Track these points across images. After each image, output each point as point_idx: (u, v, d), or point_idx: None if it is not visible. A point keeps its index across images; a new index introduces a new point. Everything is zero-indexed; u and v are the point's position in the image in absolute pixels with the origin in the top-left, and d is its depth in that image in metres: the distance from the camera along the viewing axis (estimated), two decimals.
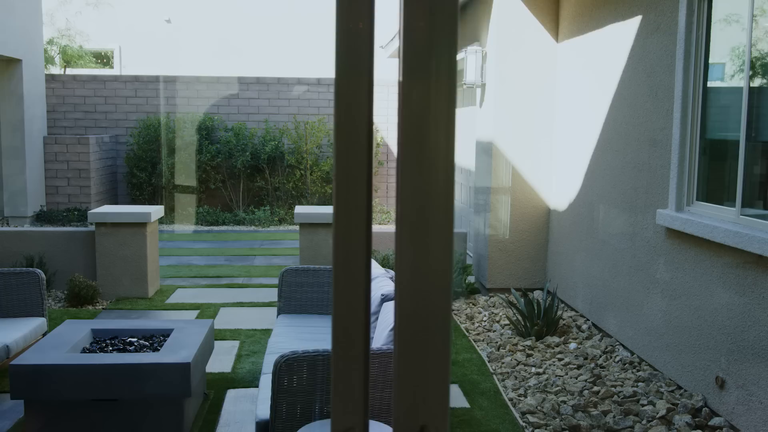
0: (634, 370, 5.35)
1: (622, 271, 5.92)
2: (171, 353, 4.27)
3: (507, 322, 6.70)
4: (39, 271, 5.62)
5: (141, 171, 13.68)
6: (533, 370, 5.42)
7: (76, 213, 12.72)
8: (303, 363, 3.48)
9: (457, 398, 4.96)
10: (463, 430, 4.43)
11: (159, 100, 14.20)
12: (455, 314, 7.12)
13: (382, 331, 3.83)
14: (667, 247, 5.15)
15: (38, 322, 5.47)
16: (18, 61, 12.29)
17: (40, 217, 12.76)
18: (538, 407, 4.71)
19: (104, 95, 14.14)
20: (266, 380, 4.15)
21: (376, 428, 3.29)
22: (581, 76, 6.86)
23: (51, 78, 14.08)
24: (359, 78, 0.83)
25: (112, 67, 18.19)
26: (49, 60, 15.49)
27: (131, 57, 18.26)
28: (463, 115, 11.07)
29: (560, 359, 5.63)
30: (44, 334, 5.62)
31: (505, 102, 7.61)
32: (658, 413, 4.50)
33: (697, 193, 5.00)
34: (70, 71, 16.22)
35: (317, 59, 18.65)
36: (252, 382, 5.27)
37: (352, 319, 0.92)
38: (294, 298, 5.62)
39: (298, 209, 7.95)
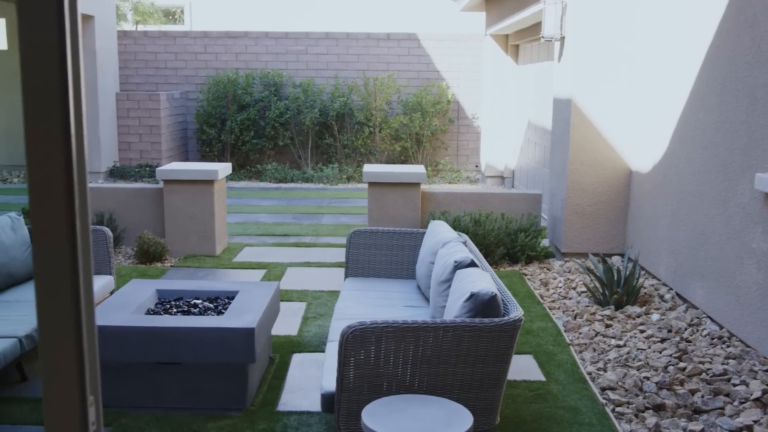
0: (724, 346, 4.99)
1: (711, 239, 5.51)
2: (235, 317, 4.14)
3: (584, 289, 6.38)
4: (106, 228, 5.57)
5: (210, 127, 13.67)
6: (613, 342, 5.11)
7: (147, 169, 12.82)
8: (371, 334, 3.28)
9: (532, 370, 4.71)
10: (538, 405, 4.19)
11: (228, 56, 14.11)
12: (528, 279, 6.83)
13: (455, 301, 3.60)
14: (766, 215, 4.73)
15: (106, 280, 5.43)
16: (90, 17, 12.33)
17: (113, 173, 12.91)
18: (619, 383, 4.42)
19: (174, 51, 14.13)
20: (332, 348, 3.98)
21: (447, 406, 3.08)
22: (670, 28, 6.37)
23: (123, 34, 14.13)
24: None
25: (182, 23, 18.19)
26: (121, 16, 15.56)
27: (201, 13, 18.21)
28: (539, 71, 10.60)
29: (642, 331, 5.30)
30: (112, 292, 5.60)
31: (585, 56, 7.17)
32: (752, 394, 4.16)
33: None
34: (141, 27, 16.28)
35: (387, 14, 18.25)
36: (318, 346, 5.13)
37: (58, 327, 0.97)
38: (362, 260, 5.43)
39: (367, 168, 7.73)
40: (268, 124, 13.61)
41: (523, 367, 4.74)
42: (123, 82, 14.14)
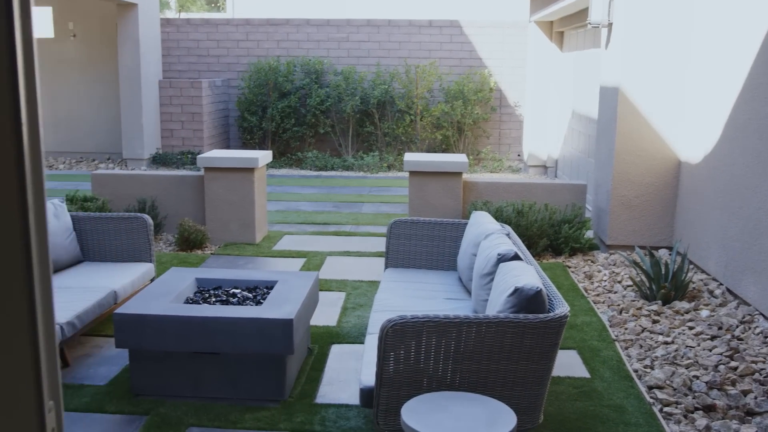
0: None
1: (765, 233, 5.30)
2: (274, 308, 4.09)
3: (630, 283, 6.21)
4: (147, 216, 5.57)
5: (252, 115, 13.69)
6: (660, 338, 4.95)
7: (189, 156, 12.89)
8: (411, 329, 3.20)
9: (576, 366, 4.58)
10: (583, 402, 4.06)
11: (269, 44, 14.10)
12: (572, 272, 6.68)
13: (498, 296, 3.49)
14: None
15: (146, 268, 5.44)
16: (134, 5, 12.41)
17: (156, 160, 13.01)
18: (667, 381, 4.27)
19: (216, 39, 14.16)
20: (372, 341, 3.90)
21: (489, 405, 2.98)
22: (725, 13, 6.14)
23: (166, 22, 14.20)
24: None
25: (224, 11, 18.24)
26: (164, 4, 15.64)
27: (243, 0, 18.23)
28: (585, 58, 10.36)
29: (691, 328, 5.12)
30: (152, 280, 5.60)
31: (634, 43, 6.95)
32: None
33: None
34: (184, 15, 16.35)
35: (429, 0, 18.06)
36: (357, 337, 5.06)
37: (10, 327, 0.96)
38: (402, 251, 5.35)
39: (408, 156, 7.63)
40: (308, 112, 13.58)
41: (567, 363, 4.62)
42: (166, 70, 14.22)
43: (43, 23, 13.18)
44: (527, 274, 3.49)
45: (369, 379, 3.39)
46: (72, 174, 12.74)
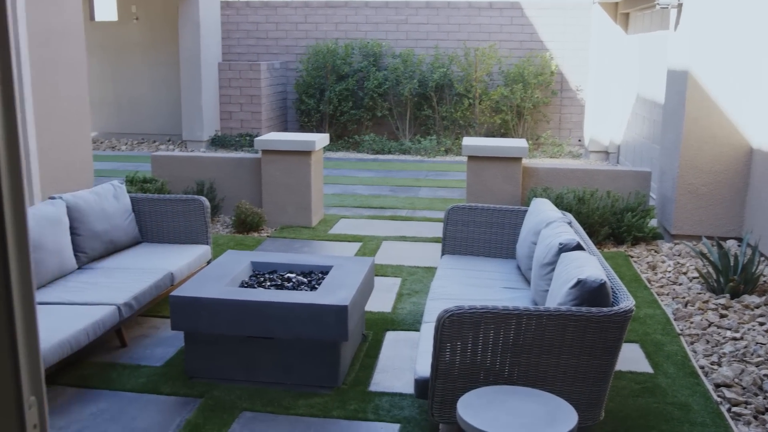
0: None
1: None
2: (328, 294, 4.04)
3: (696, 274, 5.99)
4: (204, 198, 5.58)
5: (309, 98, 13.69)
6: (728, 334, 4.74)
7: (247, 138, 12.97)
8: (468, 319, 3.10)
9: (639, 361, 4.42)
10: (645, 399, 3.91)
11: (328, 26, 14.05)
12: (635, 262, 6.47)
13: (560, 287, 3.37)
14: None
15: (202, 250, 5.45)
16: None
17: (215, 142, 13.13)
18: (736, 380, 4.09)
19: (275, 21, 14.17)
20: (427, 329, 3.82)
21: (549, 401, 2.87)
22: None
23: (225, 4, 14.27)
24: None
25: None
26: None
27: None
28: (651, 41, 10.02)
29: (761, 323, 4.90)
30: (208, 262, 5.62)
31: (704, 24, 6.66)
32: None
33: None
34: None
35: None
36: (412, 324, 4.99)
37: None
38: (460, 237, 5.24)
39: (467, 141, 7.50)
40: (366, 95, 13.51)
41: (629, 358, 4.46)
42: (225, 52, 14.31)
43: (106, 6, 13.39)
44: (590, 265, 3.36)
45: (424, 369, 3.32)
46: (133, 155, 12.95)
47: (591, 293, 3.15)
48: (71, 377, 4.16)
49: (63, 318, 4.02)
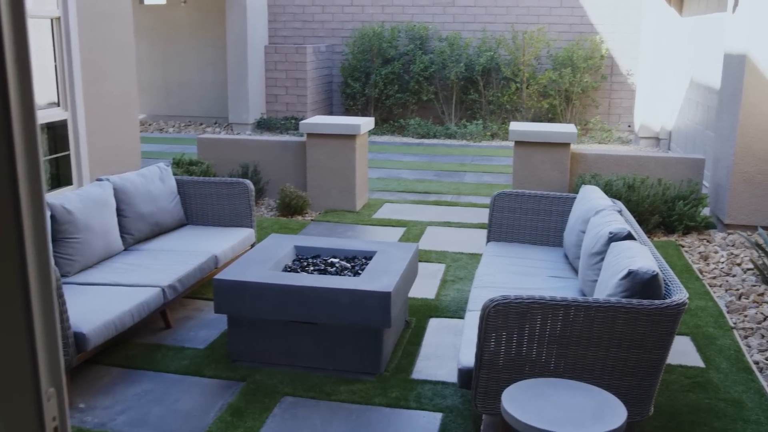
0: None
1: None
2: (372, 280, 4.00)
3: (750, 266, 5.79)
4: (248, 181, 5.58)
5: (355, 81, 13.63)
6: None
7: (292, 121, 12.98)
8: (514, 310, 3.03)
9: (689, 354, 4.29)
10: (696, 395, 3.79)
11: (374, 9, 13.94)
12: (686, 251, 6.29)
13: (609, 278, 3.27)
14: None
15: (246, 233, 5.46)
16: None
17: (260, 125, 13.17)
18: None
19: (321, 4, 14.12)
20: (472, 318, 3.76)
21: (596, 395, 2.79)
22: None
23: None
24: None
25: None
26: None
27: None
28: (707, 23, 9.72)
29: None
30: (252, 245, 5.63)
31: (765, 6, 6.41)
32: None
33: None
34: None
35: None
36: (456, 312, 4.92)
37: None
38: (506, 224, 5.15)
39: (514, 125, 7.37)
40: (412, 79, 13.40)
41: (680, 351, 4.34)
42: (271, 35, 14.32)
43: None
44: (642, 256, 3.25)
45: (468, 359, 3.25)
46: (180, 137, 13.07)
47: (642, 285, 3.04)
48: (116, 357, 4.20)
49: (109, 299, 4.05)
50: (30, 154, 0.94)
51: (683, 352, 4.32)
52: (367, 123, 7.72)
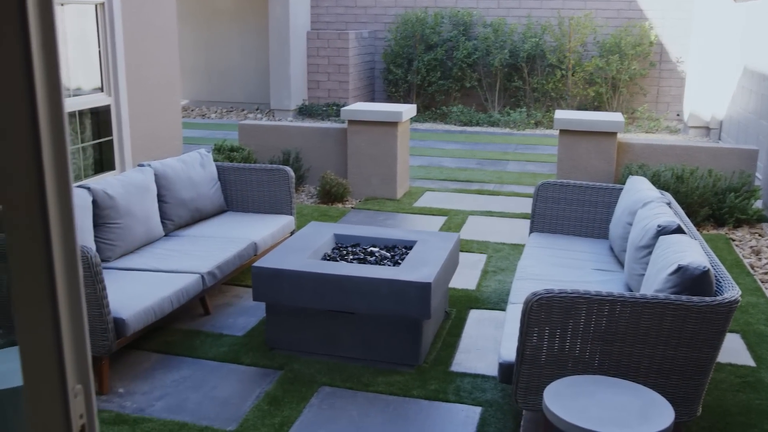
0: None
1: None
2: (412, 270, 3.93)
3: None
4: (288, 168, 5.55)
5: (397, 67, 13.53)
6: None
7: (334, 108, 12.95)
8: (558, 304, 2.94)
9: (739, 352, 4.15)
10: (746, 394, 3.66)
11: None
12: (736, 245, 6.10)
13: (657, 272, 3.15)
14: None
15: (286, 221, 5.44)
16: None
17: (302, 111, 13.16)
18: None
19: None
20: (513, 311, 3.67)
21: (642, 394, 2.69)
22: None
23: None
24: None
25: None
26: None
27: None
28: (762, 9, 9.39)
29: None
30: (292, 233, 5.61)
31: None
32: None
33: None
34: None
35: None
36: (497, 303, 4.84)
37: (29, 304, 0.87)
38: (549, 215, 5.03)
39: (559, 114, 7.21)
40: (455, 65, 13.25)
41: (729, 349, 4.19)
42: (314, 21, 14.28)
43: None
44: (692, 250, 3.13)
45: (509, 353, 3.17)
46: (222, 123, 13.13)
47: (693, 281, 2.93)
48: (156, 343, 4.21)
49: (149, 285, 4.06)
50: (57, 143, 0.90)
51: (733, 350, 4.18)
52: (409, 110, 7.64)
